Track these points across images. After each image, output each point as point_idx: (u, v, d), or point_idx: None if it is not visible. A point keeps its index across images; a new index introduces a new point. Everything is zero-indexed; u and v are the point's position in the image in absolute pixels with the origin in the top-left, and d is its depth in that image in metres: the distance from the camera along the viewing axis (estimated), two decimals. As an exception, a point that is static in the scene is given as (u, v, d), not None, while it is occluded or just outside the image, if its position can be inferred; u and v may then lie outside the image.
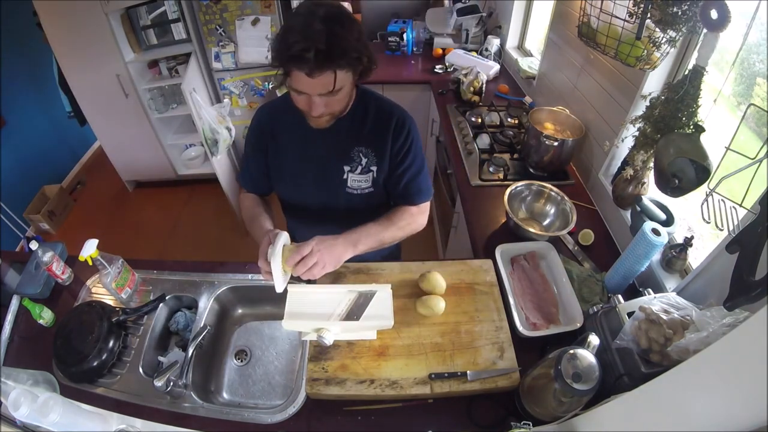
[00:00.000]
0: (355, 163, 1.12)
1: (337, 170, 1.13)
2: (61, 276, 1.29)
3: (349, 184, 1.14)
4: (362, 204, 1.19)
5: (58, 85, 2.91)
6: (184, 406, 1.04)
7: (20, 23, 2.88)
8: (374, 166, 1.13)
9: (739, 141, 0.82)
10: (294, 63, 0.86)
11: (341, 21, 0.87)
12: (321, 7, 0.88)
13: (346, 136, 1.10)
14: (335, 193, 1.17)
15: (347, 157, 1.11)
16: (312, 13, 0.86)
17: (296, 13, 0.91)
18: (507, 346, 1.08)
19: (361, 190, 1.16)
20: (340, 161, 1.12)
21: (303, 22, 0.85)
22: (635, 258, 1.15)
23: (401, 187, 1.17)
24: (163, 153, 3.16)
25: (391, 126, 1.10)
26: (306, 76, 0.87)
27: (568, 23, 1.84)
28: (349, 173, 1.13)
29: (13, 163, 2.97)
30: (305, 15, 0.87)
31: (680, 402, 0.61)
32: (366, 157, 1.12)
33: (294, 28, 0.86)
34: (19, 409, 0.83)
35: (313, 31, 0.83)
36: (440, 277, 1.19)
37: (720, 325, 0.77)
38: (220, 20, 2.54)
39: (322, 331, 0.98)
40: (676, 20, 1.07)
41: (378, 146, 1.11)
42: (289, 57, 0.85)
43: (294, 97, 0.95)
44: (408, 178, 1.15)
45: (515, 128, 2.11)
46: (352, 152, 1.11)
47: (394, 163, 1.14)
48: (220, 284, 1.29)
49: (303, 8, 0.90)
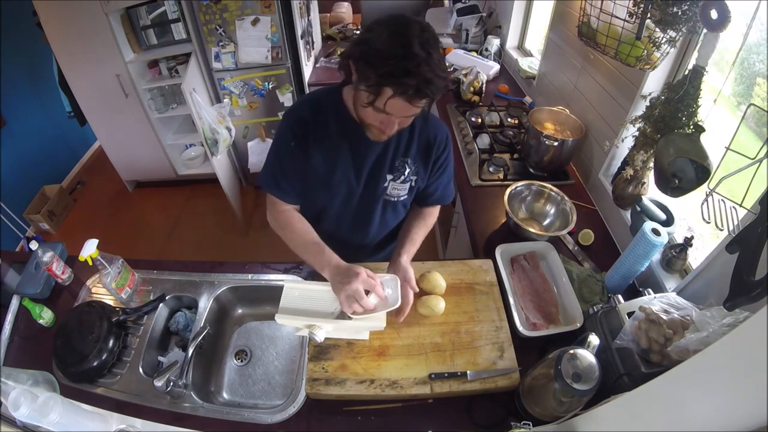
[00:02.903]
0: (398, 173, 1.13)
1: (381, 179, 1.13)
2: (61, 276, 1.29)
3: (389, 191, 1.16)
4: (393, 209, 1.23)
5: (58, 85, 2.91)
6: (184, 406, 1.04)
7: (20, 23, 2.88)
8: (414, 176, 1.15)
9: (739, 141, 0.82)
10: (394, 86, 0.82)
11: (436, 47, 0.85)
12: (414, 26, 0.84)
13: (394, 147, 1.10)
14: (374, 200, 1.18)
15: (392, 167, 1.12)
16: (406, 32, 0.82)
17: (387, 24, 0.85)
18: (507, 346, 1.08)
19: (399, 197, 1.18)
20: (384, 170, 1.12)
21: (401, 41, 0.81)
22: (635, 258, 1.15)
23: (434, 192, 1.23)
24: (163, 153, 3.16)
25: (436, 142, 1.13)
26: (400, 100, 0.84)
27: (568, 23, 1.84)
28: (391, 182, 1.14)
29: (13, 163, 2.97)
30: (401, 34, 0.82)
31: (680, 402, 0.61)
32: (409, 168, 1.13)
33: (392, 45, 0.81)
34: (19, 409, 0.83)
35: (416, 55, 0.80)
36: (440, 277, 1.19)
37: (720, 325, 0.77)
38: (220, 20, 2.54)
39: (314, 329, 0.98)
40: (676, 20, 1.07)
41: (422, 159, 1.14)
42: (390, 79, 0.82)
43: (366, 111, 0.92)
44: (442, 184, 1.23)
45: (515, 128, 2.11)
46: (397, 162, 1.12)
47: (433, 173, 1.19)
48: (220, 284, 1.29)
49: (396, 22, 0.85)
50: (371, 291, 0.98)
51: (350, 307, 0.96)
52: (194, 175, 3.34)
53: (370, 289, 0.98)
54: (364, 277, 0.97)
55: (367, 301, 0.97)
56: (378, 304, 1.00)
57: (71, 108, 2.99)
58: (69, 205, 3.31)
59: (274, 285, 1.29)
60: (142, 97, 2.82)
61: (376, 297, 0.99)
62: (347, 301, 0.96)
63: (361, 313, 0.97)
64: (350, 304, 0.96)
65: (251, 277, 1.32)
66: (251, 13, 2.53)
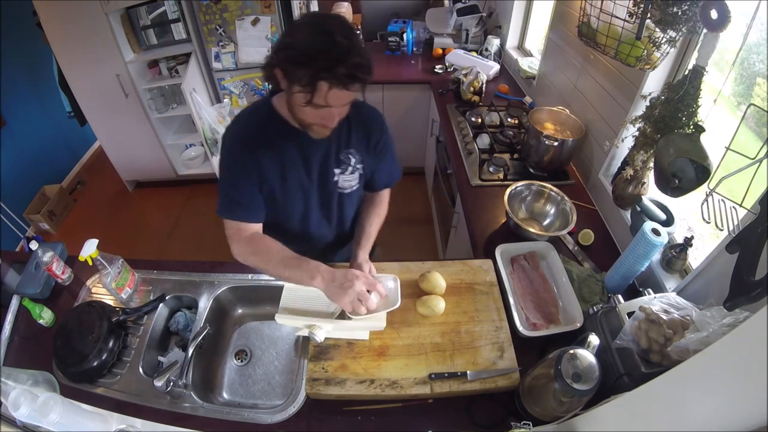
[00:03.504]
0: (345, 165, 1.15)
1: (330, 174, 1.15)
2: (61, 276, 1.29)
3: (340, 184, 1.17)
4: (349, 200, 1.24)
5: (58, 85, 2.91)
6: (184, 406, 1.04)
7: (20, 23, 2.88)
8: (360, 164, 1.17)
9: (739, 141, 0.82)
10: (328, 78, 0.84)
11: (355, 33, 0.88)
12: (331, 19, 0.87)
13: (336, 141, 1.12)
14: (329, 196, 1.19)
15: (338, 161, 1.14)
16: (324, 26, 0.85)
17: (304, 24, 0.88)
18: (507, 346, 1.08)
19: (351, 188, 1.20)
20: (331, 165, 1.14)
21: (322, 36, 0.84)
22: (635, 258, 1.15)
23: (382, 175, 1.25)
24: (163, 153, 3.15)
25: (373, 125, 1.16)
26: (337, 89, 0.86)
27: (568, 23, 1.84)
28: (340, 175, 1.15)
29: (13, 163, 2.97)
30: (320, 30, 0.85)
31: (680, 402, 0.61)
32: (354, 158, 1.15)
33: (315, 41, 0.84)
34: (19, 409, 0.83)
35: (340, 44, 0.83)
36: (440, 277, 1.19)
37: (720, 325, 0.77)
38: (220, 20, 2.54)
39: (314, 328, 0.99)
40: (676, 20, 1.07)
41: (363, 145, 1.16)
42: (323, 73, 0.84)
43: (305, 111, 0.93)
44: (387, 166, 1.24)
45: (515, 128, 2.11)
46: (341, 155, 1.13)
47: (377, 157, 1.20)
48: (220, 284, 1.29)
49: (311, 21, 0.88)
50: (372, 290, 0.98)
51: (356, 309, 0.96)
52: (194, 175, 3.34)
53: (371, 288, 0.98)
54: (365, 278, 0.97)
55: (372, 301, 0.97)
56: (379, 304, 1.00)
57: (71, 108, 2.99)
58: (69, 205, 3.31)
59: (274, 285, 1.29)
60: (142, 97, 2.82)
61: (377, 296, 0.99)
62: (353, 305, 0.95)
63: (365, 314, 0.97)
64: (356, 307, 0.96)
65: (251, 277, 1.32)
66: (251, 13, 2.53)
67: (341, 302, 0.96)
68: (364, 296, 0.96)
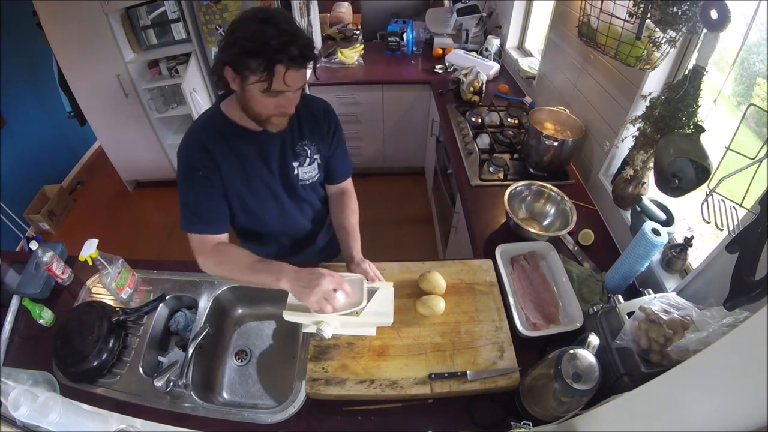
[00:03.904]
0: (302, 157, 1.17)
1: (290, 168, 1.17)
2: (61, 276, 1.29)
3: (300, 177, 1.19)
4: (313, 190, 1.27)
5: (58, 85, 2.91)
6: (184, 406, 1.04)
7: (20, 23, 2.88)
8: (317, 155, 1.19)
9: (739, 141, 0.82)
10: (285, 60, 0.88)
11: (293, 20, 0.92)
12: (269, 10, 0.91)
13: (289, 135, 1.13)
14: (294, 189, 1.21)
15: (295, 154, 1.16)
16: (265, 15, 0.88)
17: (246, 19, 0.90)
18: (507, 346, 1.08)
19: (312, 179, 1.22)
20: (289, 159, 1.16)
21: (267, 24, 0.87)
22: (635, 258, 1.15)
23: (340, 162, 1.27)
24: (163, 153, 3.15)
25: (321, 115, 1.18)
26: (293, 71, 0.90)
27: (568, 23, 1.84)
28: (299, 168, 1.17)
29: (13, 163, 2.96)
30: (262, 19, 0.88)
31: (680, 402, 0.61)
32: (309, 149, 1.17)
33: (263, 30, 0.86)
34: (19, 409, 0.83)
35: (286, 29, 0.87)
36: (440, 277, 1.19)
37: (720, 325, 0.77)
38: (220, 20, 2.54)
39: (322, 325, 0.99)
40: (676, 20, 1.07)
41: (317, 135, 1.18)
42: (278, 55, 0.87)
43: (263, 103, 0.95)
44: (341, 154, 1.27)
45: (515, 128, 2.11)
46: (297, 147, 1.15)
47: (333, 143, 1.23)
48: (220, 284, 1.29)
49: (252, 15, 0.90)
50: (338, 289, 0.97)
51: (323, 308, 0.95)
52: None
53: (337, 287, 0.97)
54: (331, 276, 0.96)
55: (338, 300, 0.96)
56: (345, 303, 0.99)
57: (71, 108, 2.99)
58: (69, 205, 3.31)
59: None
60: (142, 97, 2.81)
61: (343, 294, 0.99)
62: (319, 303, 0.95)
63: (331, 312, 0.96)
64: (322, 306, 0.95)
65: (251, 277, 1.32)
66: (251, 13, 2.53)
67: (307, 301, 0.95)
68: (329, 295, 0.95)
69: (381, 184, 3.37)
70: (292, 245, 1.33)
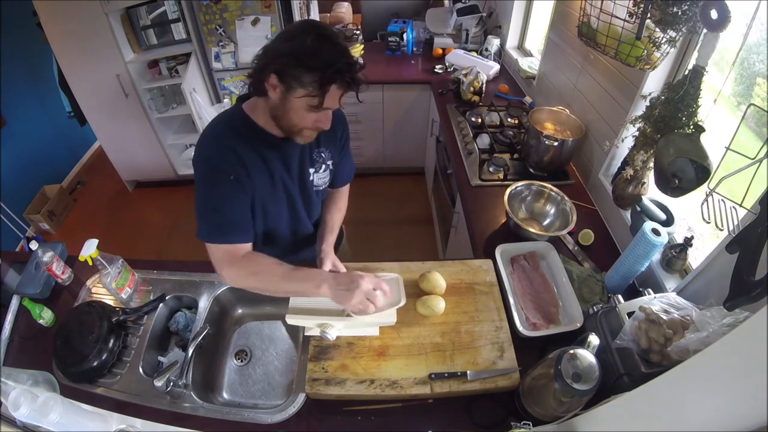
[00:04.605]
0: (318, 164, 1.17)
1: (307, 174, 1.17)
2: (61, 276, 1.29)
3: (315, 183, 1.19)
4: (320, 197, 1.28)
5: (58, 85, 2.91)
6: (184, 406, 1.04)
7: (20, 23, 2.88)
8: (330, 160, 1.20)
9: (739, 141, 0.82)
10: (339, 79, 0.88)
11: (341, 39, 0.92)
12: (323, 27, 0.90)
13: None
14: (308, 195, 1.21)
15: (312, 161, 1.16)
16: (327, 31, 0.88)
17: (303, 30, 0.89)
18: (507, 346, 1.08)
19: (324, 185, 1.23)
20: (307, 166, 1.16)
21: (325, 41, 0.87)
22: (635, 258, 1.15)
23: (345, 169, 1.29)
24: (163, 153, 3.15)
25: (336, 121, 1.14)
26: (339, 91, 0.91)
27: (568, 23, 1.84)
28: (315, 174, 1.18)
29: (13, 163, 2.96)
30: (320, 35, 0.87)
31: (680, 402, 0.61)
32: (324, 155, 1.18)
33: (322, 46, 0.86)
34: (19, 409, 0.83)
35: (345, 49, 0.88)
36: (440, 277, 1.19)
37: (720, 325, 0.77)
38: (220, 20, 2.54)
39: (326, 327, 0.99)
40: (676, 20, 1.07)
41: (332, 142, 1.19)
42: (336, 74, 0.86)
43: (304, 116, 0.94)
44: (347, 160, 1.29)
45: (515, 128, 2.11)
46: (314, 154, 1.16)
47: (343, 150, 1.24)
48: (220, 284, 1.29)
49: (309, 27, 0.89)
50: (378, 288, 0.99)
51: (365, 308, 0.97)
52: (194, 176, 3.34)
53: (376, 287, 0.99)
54: (369, 277, 0.98)
55: (379, 299, 0.98)
56: (384, 302, 1.01)
57: (71, 108, 2.99)
58: (69, 205, 3.31)
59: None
60: (142, 97, 2.82)
61: (382, 294, 1.00)
62: (362, 304, 0.96)
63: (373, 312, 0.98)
64: (365, 306, 0.97)
65: (251, 277, 1.32)
66: (251, 13, 2.53)
67: (349, 304, 0.96)
68: (371, 295, 0.97)
69: (381, 184, 3.37)
70: (294, 245, 1.33)
